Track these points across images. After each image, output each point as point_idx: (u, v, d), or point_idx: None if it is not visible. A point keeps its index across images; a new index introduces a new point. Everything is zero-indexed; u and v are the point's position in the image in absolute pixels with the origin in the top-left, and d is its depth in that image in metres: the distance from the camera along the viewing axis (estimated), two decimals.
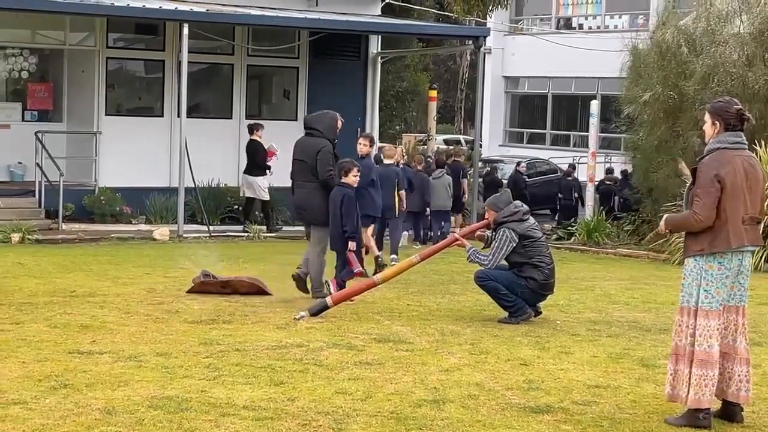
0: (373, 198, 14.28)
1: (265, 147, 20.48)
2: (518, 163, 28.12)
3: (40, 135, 20.02)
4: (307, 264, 12.01)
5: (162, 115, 21.90)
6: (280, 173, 20.31)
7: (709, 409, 6.82)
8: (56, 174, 19.40)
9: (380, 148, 18.54)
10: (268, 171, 20.40)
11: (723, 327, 6.88)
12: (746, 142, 7.00)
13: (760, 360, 8.83)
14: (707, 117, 7.04)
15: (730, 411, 7.00)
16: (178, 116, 20.01)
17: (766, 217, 7.14)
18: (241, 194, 20.87)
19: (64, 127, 21.77)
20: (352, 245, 11.69)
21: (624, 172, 25.30)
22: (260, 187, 20.41)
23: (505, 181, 25.85)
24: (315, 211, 11.89)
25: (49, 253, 16.44)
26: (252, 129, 20.58)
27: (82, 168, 21.10)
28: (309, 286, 11.98)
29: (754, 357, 7.70)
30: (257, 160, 20.40)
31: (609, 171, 26.50)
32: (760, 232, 7.03)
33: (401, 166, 17.96)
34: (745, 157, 6.92)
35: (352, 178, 11.81)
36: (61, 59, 21.89)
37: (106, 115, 21.43)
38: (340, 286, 11.59)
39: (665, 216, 7.21)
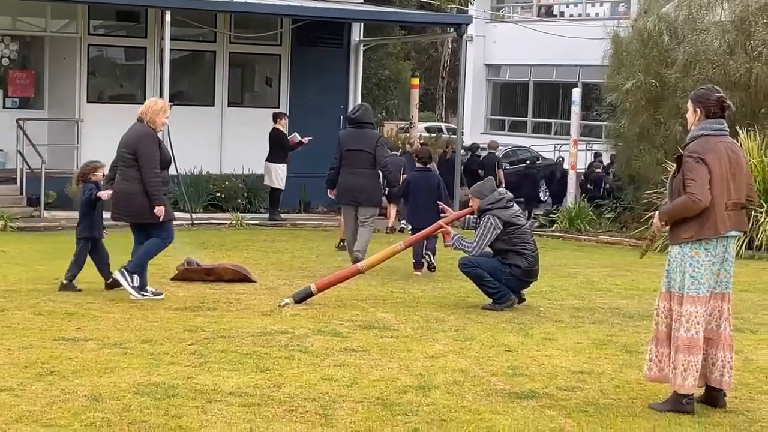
0: None
1: (288, 137, 20.48)
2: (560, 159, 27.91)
3: (21, 122, 19.93)
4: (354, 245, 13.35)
5: (144, 103, 21.79)
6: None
7: (692, 394, 6.88)
8: (38, 161, 19.34)
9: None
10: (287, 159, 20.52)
11: (708, 313, 6.93)
12: (728, 129, 7.04)
13: (743, 346, 8.89)
14: (689, 104, 7.09)
15: (713, 396, 7.05)
16: None
17: (750, 203, 7.14)
18: (265, 182, 20.81)
19: (45, 114, 21.70)
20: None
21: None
22: (278, 174, 20.36)
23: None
24: (370, 194, 13.57)
25: (32, 240, 16.42)
26: (276, 118, 20.53)
27: (63, 155, 21.02)
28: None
29: (737, 343, 7.76)
30: (280, 148, 20.33)
31: (597, 155, 26.54)
32: (745, 216, 7.07)
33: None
34: (727, 144, 6.97)
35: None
36: (43, 46, 21.81)
37: (87, 102, 21.38)
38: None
39: (658, 211, 7.16)
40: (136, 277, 10.66)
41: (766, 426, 6.68)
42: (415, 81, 28.51)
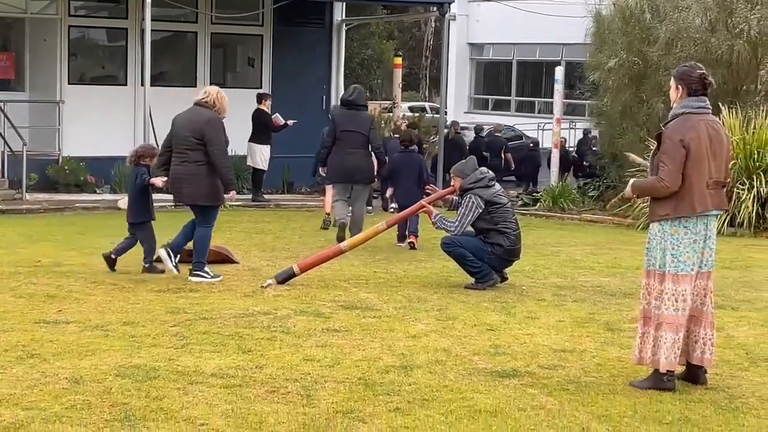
0: None
1: (271, 117, 20.38)
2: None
3: (2, 104, 19.84)
4: (345, 216, 13.86)
5: (126, 84, 21.74)
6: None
7: (673, 371, 6.90)
8: (19, 144, 19.25)
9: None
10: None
11: (695, 293, 6.94)
12: (710, 107, 7.04)
13: (724, 323, 8.92)
14: (671, 82, 7.11)
15: (694, 373, 7.08)
16: (142, 85, 19.86)
17: (729, 181, 7.18)
18: (248, 163, 20.70)
19: (26, 96, 21.57)
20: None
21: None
22: (261, 155, 20.24)
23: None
24: (365, 173, 13.97)
25: (14, 223, 16.35)
26: (260, 98, 20.37)
27: (45, 138, 20.94)
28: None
29: (718, 320, 7.78)
30: (263, 129, 20.20)
31: (587, 132, 26.58)
32: (725, 196, 7.10)
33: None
34: (709, 122, 6.97)
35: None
36: (23, 28, 21.65)
37: (69, 84, 21.27)
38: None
39: (632, 181, 7.26)
40: (206, 270, 10.84)
41: (747, 402, 6.70)
42: (398, 60, 28.45)
